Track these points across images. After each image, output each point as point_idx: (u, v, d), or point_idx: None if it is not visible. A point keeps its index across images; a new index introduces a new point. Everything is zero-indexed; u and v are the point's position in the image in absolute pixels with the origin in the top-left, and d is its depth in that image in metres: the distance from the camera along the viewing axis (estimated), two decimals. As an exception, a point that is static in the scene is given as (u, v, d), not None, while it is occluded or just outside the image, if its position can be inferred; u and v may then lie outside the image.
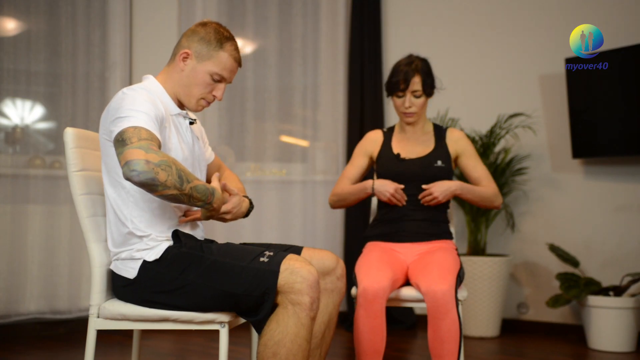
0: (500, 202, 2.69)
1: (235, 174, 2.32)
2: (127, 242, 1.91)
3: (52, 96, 4.06)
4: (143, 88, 1.90)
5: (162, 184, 1.67)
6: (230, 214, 1.98)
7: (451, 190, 2.59)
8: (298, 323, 1.79)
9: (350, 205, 2.78)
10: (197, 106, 2.03)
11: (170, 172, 1.69)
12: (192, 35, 1.99)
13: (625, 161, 3.82)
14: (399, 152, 2.70)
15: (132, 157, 1.65)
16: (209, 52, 1.97)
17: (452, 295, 2.28)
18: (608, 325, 3.49)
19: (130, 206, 1.90)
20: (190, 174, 1.76)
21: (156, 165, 1.66)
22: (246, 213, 2.07)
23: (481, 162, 2.74)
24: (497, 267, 3.84)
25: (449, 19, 4.37)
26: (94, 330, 1.93)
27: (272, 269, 1.81)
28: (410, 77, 2.62)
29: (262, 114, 4.44)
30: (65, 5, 3.99)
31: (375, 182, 2.63)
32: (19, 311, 3.77)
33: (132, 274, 1.89)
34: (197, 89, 1.99)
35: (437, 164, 2.65)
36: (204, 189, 1.79)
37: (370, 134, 2.84)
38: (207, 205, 1.84)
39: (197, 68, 1.97)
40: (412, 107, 2.64)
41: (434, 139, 2.73)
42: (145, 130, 1.74)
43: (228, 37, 2.00)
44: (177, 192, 1.71)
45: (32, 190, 3.85)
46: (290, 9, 4.45)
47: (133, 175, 1.65)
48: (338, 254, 4.30)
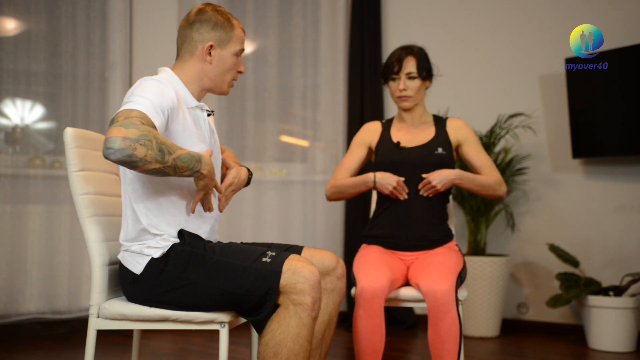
0: (504, 190, 2.61)
1: (230, 151, 2.33)
2: (140, 237, 1.91)
3: (52, 96, 4.06)
4: (158, 80, 1.89)
5: (142, 159, 1.65)
6: (232, 184, 2.02)
7: (450, 179, 2.53)
8: (300, 323, 1.79)
9: (349, 197, 2.71)
10: (229, 88, 2.08)
11: (150, 146, 1.65)
12: (201, 26, 1.99)
13: (625, 161, 3.83)
14: (398, 140, 2.65)
15: (110, 134, 1.63)
16: (227, 35, 2.00)
17: (452, 295, 2.27)
18: (608, 325, 3.49)
19: (145, 201, 1.90)
20: (172, 145, 1.72)
21: (134, 141, 1.63)
22: (247, 181, 2.12)
23: (483, 150, 2.67)
24: (497, 267, 3.84)
25: (449, 19, 4.37)
26: (94, 330, 1.93)
27: (275, 269, 1.81)
28: (404, 57, 2.61)
29: (262, 114, 4.44)
30: (65, 5, 3.99)
31: (377, 175, 2.57)
32: (19, 311, 3.77)
33: (138, 269, 1.89)
34: (229, 74, 2.04)
35: (438, 151, 2.60)
36: (188, 157, 1.75)
37: (368, 124, 2.79)
38: (196, 174, 1.80)
39: (223, 54, 2.00)
40: (407, 89, 2.60)
41: (434, 127, 2.68)
42: (137, 112, 1.72)
43: (226, 12, 2.04)
44: (159, 166, 1.69)
45: (32, 190, 3.85)
46: (290, 9, 4.45)
47: (109, 153, 1.63)
48: (338, 254, 4.30)
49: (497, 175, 2.62)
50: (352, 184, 2.64)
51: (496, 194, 2.61)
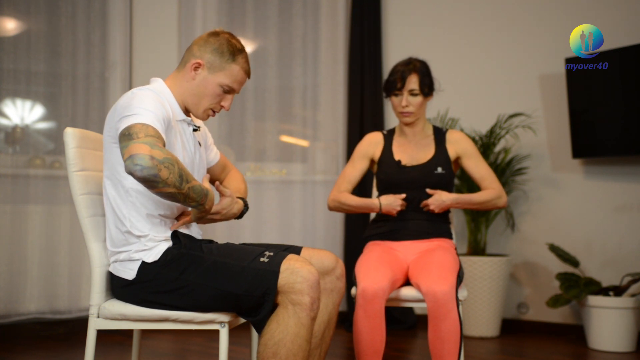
0: (504, 201, 2.68)
1: (240, 173, 2.33)
2: (125, 242, 1.91)
3: (52, 96, 4.06)
4: (152, 90, 1.90)
5: (163, 182, 1.66)
6: (219, 214, 1.98)
7: (446, 205, 2.61)
8: (298, 323, 1.79)
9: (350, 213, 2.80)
10: (204, 115, 2.04)
11: (172, 170, 1.68)
12: (204, 45, 1.98)
13: (625, 161, 3.82)
14: (399, 158, 2.71)
15: (137, 151, 1.64)
16: (221, 63, 1.97)
17: (452, 296, 2.28)
18: (608, 325, 3.49)
19: (129, 206, 1.90)
20: (189, 174, 1.76)
21: (160, 162, 1.65)
22: (239, 215, 2.07)
23: (483, 161, 2.73)
24: (497, 267, 3.84)
25: (449, 19, 4.37)
26: (94, 330, 1.93)
27: (273, 269, 1.81)
28: (407, 75, 2.63)
29: (262, 114, 4.44)
30: (65, 5, 3.99)
31: (382, 201, 2.63)
32: (19, 311, 3.77)
33: (130, 275, 1.89)
34: (206, 100, 2.00)
35: (438, 171, 2.66)
36: (200, 189, 1.79)
37: (370, 136, 2.84)
38: (200, 207, 1.83)
39: (209, 79, 1.98)
40: (409, 106, 2.65)
41: (434, 143, 2.74)
42: (152, 128, 1.74)
43: (240, 49, 2.01)
44: (175, 191, 1.71)
45: (32, 190, 3.85)
46: (290, 9, 4.45)
47: (136, 169, 1.63)
48: (338, 254, 4.30)
49: (497, 186, 2.68)
50: (356, 206, 2.70)
51: (497, 206, 2.70)
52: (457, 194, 2.66)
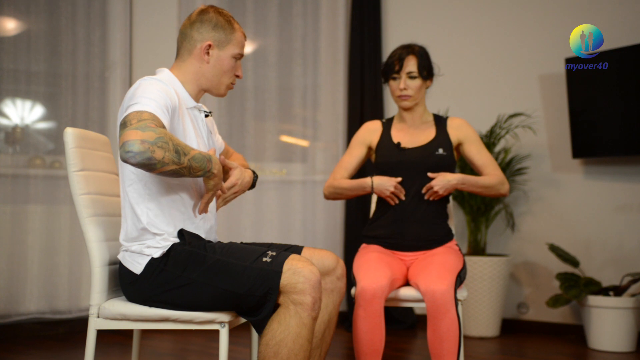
0: (507, 189, 2.60)
1: (240, 154, 2.35)
2: (140, 237, 1.91)
3: (52, 96, 4.06)
4: (157, 79, 1.90)
5: (160, 162, 1.66)
6: (236, 185, 2.01)
7: (452, 184, 2.52)
8: (300, 323, 1.79)
9: (347, 199, 2.73)
10: (226, 91, 2.08)
11: (167, 148, 1.67)
12: (202, 26, 2.00)
13: (625, 161, 3.83)
14: (399, 141, 2.65)
15: (127, 138, 1.64)
16: (226, 37, 2.01)
17: (451, 295, 2.27)
18: (608, 325, 3.49)
19: (146, 201, 1.90)
20: (186, 146, 1.74)
21: (152, 144, 1.64)
22: (252, 183, 2.11)
23: (485, 149, 2.66)
24: (497, 267, 3.84)
25: (449, 19, 4.37)
26: (94, 330, 1.93)
27: (275, 269, 1.81)
28: (405, 57, 2.61)
29: (262, 114, 4.44)
30: (65, 5, 3.99)
31: (374, 180, 2.56)
32: (19, 311, 3.77)
33: (138, 269, 1.89)
34: (226, 76, 2.04)
35: (439, 152, 2.59)
36: (200, 157, 1.78)
37: (368, 123, 2.79)
38: (208, 173, 1.82)
39: (222, 55, 2.01)
40: (407, 89, 2.60)
41: (434, 127, 2.67)
42: (147, 113, 1.73)
43: (229, 15, 2.05)
44: (176, 167, 1.70)
45: (32, 190, 3.85)
46: (290, 9, 4.45)
47: (129, 156, 1.63)
48: (338, 254, 4.30)
49: (499, 173, 2.61)
50: (349, 187, 2.64)
51: (499, 193, 2.61)
52: (463, 174, 2.56)
